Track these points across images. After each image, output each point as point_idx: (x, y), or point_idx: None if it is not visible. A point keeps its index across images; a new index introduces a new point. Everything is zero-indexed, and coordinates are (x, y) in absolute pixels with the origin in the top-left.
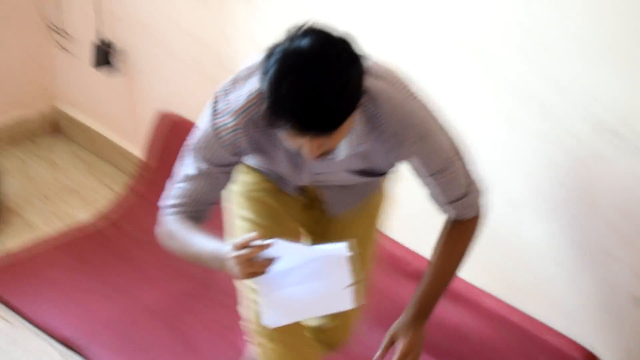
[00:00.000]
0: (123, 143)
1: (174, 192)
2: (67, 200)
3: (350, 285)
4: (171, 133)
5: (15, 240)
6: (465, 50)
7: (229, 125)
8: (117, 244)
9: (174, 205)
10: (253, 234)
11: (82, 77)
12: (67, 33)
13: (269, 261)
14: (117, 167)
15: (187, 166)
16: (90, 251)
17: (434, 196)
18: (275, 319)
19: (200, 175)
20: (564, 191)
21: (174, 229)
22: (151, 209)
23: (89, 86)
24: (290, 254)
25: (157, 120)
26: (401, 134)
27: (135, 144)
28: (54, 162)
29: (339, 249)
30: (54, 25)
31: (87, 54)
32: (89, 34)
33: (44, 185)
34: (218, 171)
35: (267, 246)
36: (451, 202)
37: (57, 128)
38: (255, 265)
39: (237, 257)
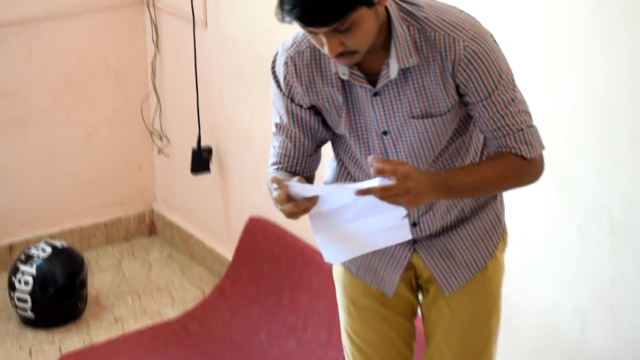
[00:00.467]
0: (216, 246)
1: (271, 150)
2: (157, 298)
3: (406, 215)
4: (260, 237)
5: (102, 333)
6: None
7: (281, 62)
8: (199, 340)
9: (271, 164)
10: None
11: (180, 180)
12: (167, 138)
13: (311, 202)
14: (209, 269)
15: (273, 123)
16: (173, 347)
17: (488, 129)
18: (335, 255)
19: (278, 130)
20: (630, 301)
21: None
22: (234, 308)
23: (186, 190)
24: (337, 194)
25: (247, 224)
26: (452, 35)
27: (228, 247)
28: (147, 262)
29: (385, 181)
30: (156, 131)
31: (185, 159)
32: (188, 140)
33: (136, 283)
34: (290, 125)
35: (309, 200)
36: (506, 132)
37: (153, 229)
38: (299, 206)
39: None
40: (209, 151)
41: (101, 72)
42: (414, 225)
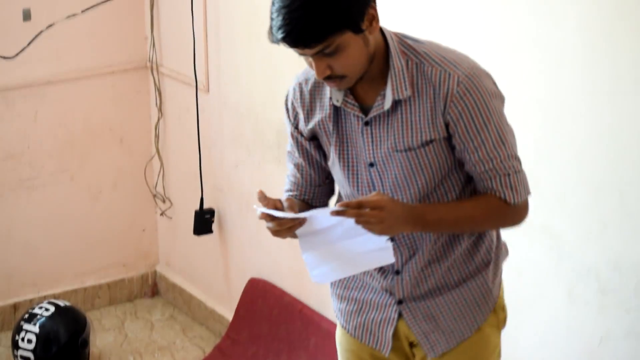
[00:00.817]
0: (217, 307)
1: (285, 178)
2: (159, 358)
3: (389, 239)
4: (260, 298)
5: None
6: (532, 228)
7: (290, 89)
8: None
9: (285, 191)
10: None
11: (183, 242)
12: (170, 201)
13: (295, 222)
14: (210, 329)
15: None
16: None
17: (475, 171)
18: (321, 275)
19: (288, 158)
20: None
21: None
22: None
23: (188, 251)
24: (319, 216)
25: (247, 285)
26: (448, 70)
27: (229, 308)
28: (150, 322)
29: None
30: (159, 194)
31: (188, 221)
32: (191, 202)
33: (138, 343)
34: (296, 154)
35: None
36: (492, 175)
37: (155, 290)
38: (282, 224)
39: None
40: (211, 213)
41: (106, 135)
42: (397, 273)
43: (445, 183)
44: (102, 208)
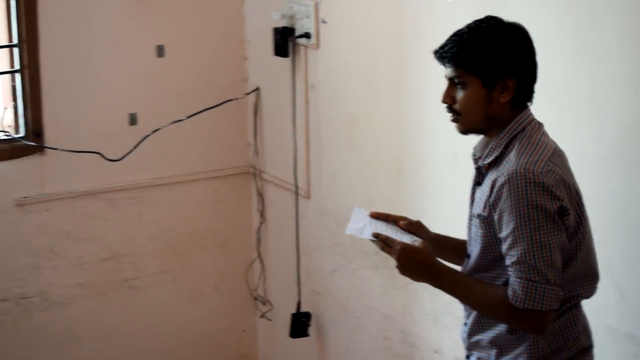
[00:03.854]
0: None
1: None
2: None
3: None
4: None
5: None
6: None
7: None
8: None
9: None
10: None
11: (281, 344)
12: (271, 304)
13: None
14: None
15: None
16: None
17: (505, 257)
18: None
19: None
20: None
21: None
22: None
23: (286, 353)
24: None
25: None
26: (510, 163)
27: None
28: None
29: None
30: (260, 296)
31: (285, 324)
32: (288, 305)
33: None
34: None
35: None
36: (510, 270)
37: None
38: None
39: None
40: (307, 316)
41: (207, 238)
42: (464, 324)
43: (496, 267)
44: (203, 309)
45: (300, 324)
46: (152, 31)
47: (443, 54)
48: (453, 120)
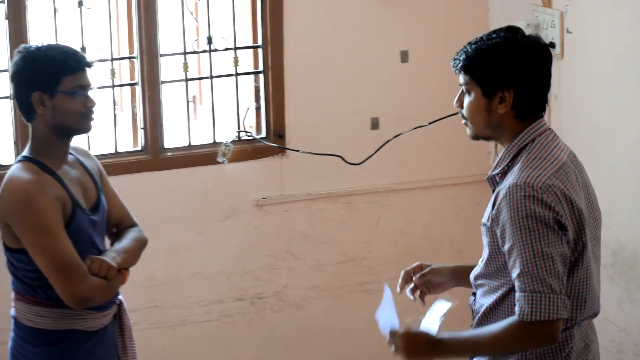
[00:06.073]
0: None
1: None
2: None
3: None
4: None
5: None
6: None
7: None
8: None
9: None
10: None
11: None
12: None
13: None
14: None
15: None
16: None
17: (511, 271)
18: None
19: None
20: None
21: None
22: None
23: None
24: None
25: None
26: (512, 175)
27: None
28: None
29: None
30: None
31: None
32: None
33: None
34: None
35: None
36: (516, 285)
37: None
38: None
39: None
40: None
41: (444, 246)
42: None
43: (500, 275)
44: None
45: None
46: (396, 36)
47: (455, 60)
48: (464, 124)
